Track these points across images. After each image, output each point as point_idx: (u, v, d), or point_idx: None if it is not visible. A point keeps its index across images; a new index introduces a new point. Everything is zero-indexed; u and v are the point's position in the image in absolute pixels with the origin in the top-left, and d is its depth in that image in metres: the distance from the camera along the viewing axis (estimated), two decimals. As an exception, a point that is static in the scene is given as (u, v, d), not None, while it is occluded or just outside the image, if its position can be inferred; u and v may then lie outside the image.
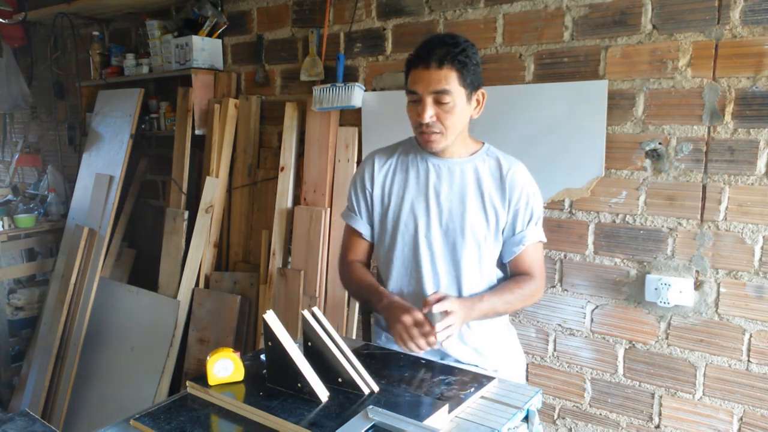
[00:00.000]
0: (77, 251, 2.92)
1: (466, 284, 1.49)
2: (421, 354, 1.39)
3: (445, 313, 1.29)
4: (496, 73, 2.01)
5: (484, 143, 1.55)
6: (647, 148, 1.78)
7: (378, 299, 1.45)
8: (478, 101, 1.46)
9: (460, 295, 1.50)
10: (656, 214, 1.79)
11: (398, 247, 1.53)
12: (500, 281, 1.54)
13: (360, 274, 1.58)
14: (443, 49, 1.36)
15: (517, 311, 1.53)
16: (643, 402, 1.87)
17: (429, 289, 1.50)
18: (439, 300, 1.31)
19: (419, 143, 1.50)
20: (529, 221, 1.49)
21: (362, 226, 1.60)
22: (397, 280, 1.55)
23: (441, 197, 1.49)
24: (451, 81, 1.36)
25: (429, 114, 1.38)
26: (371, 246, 1.64)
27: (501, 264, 1.55)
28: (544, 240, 1.54)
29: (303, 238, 2.48)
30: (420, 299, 1.52)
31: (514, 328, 1.68)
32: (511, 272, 1.55)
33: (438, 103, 1.38)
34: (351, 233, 1.64)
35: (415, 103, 1.41)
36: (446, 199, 1.49)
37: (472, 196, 1.48)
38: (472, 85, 1.40)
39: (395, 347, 1.53)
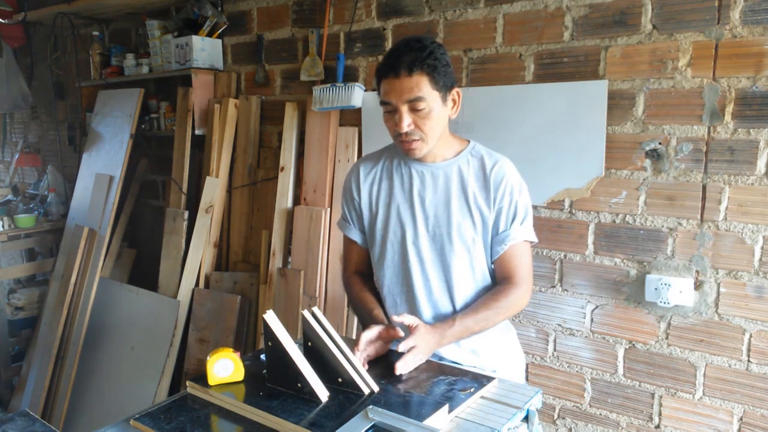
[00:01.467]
0: (77, 251, 2.92)
1: (458, 289, 1.47)
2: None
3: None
4: (496, 73, 2.01)
5: (469, 142, 1.52)
6: (647, 148, 1.78)
7: (369, 320, 1.48)
8: (453, 101, 1.44)
9: (452, 302, 1.49)
10: (656, 214, 1.79)
11: (388, 255, 1.52)
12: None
13: (358, 291, 1.59)
14: (411, 56, 1.34)
15: (498, 324, 1.49)
16: (643, 402, 1.87)
17: (420, 295, 1.49)
18: (410, 327, 1.31)
19: (402, 152, 1.48)
20: (513, 219, 1.45)
21: (355, 235, 1.60)
22: (389, 287, 1.55)
23: (426, 203, 1.47)
24: (423, 87, 1.34)
25: (406, 123, 1.37)
26: (368, 252, 1.64)
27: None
28: (534, 240, 1.49)
29: (303, 238, 2.48)
30: (412, 306, 1.52)
31: (513, 328, 1.67)
32: (495, 273, 1.51)
33: (413, 110, 1.37)
34: (348, 242, 1.64)
35: (391, 113, 1.40)
36: (431, 204, 1.47)
37: (457, 199, 1.45)
38: (445, 87, 1.38)
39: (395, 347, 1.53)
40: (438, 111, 1.39)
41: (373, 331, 1.35)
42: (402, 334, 1.38)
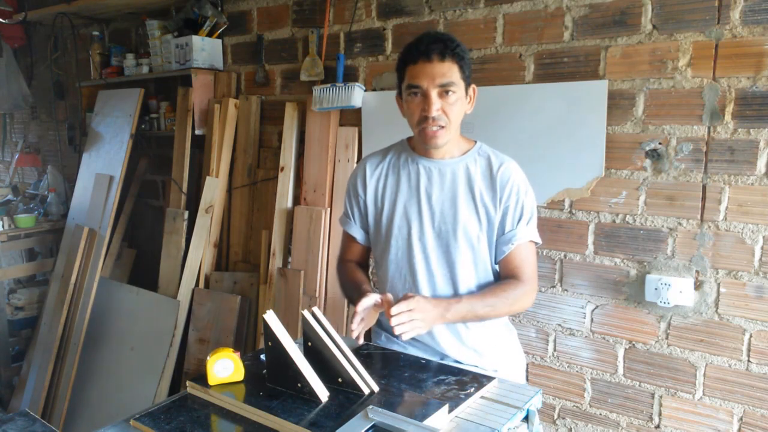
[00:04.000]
0: (77, 251, 2.92)
1: (462, 286, 1.48)
2: (419, 354, 1.39)
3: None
4: (496, 73, 2.01)
5: (476, 142, 1.53)
6: (647, 148, 1.78)
7: (357, 294, 1.45)
8: (470, 97, 1.47)
9: (456, 297, 1.49)
10: (656, 214, 1.79)
11: (392, 251, 1.53)
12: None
13: (351, 272, 1.60)
14: (441, 44, 1.37)
15: (502, 316, 1.49)
16: (643, 402, 1.87)
17: (424, 291, 1.50)
18: (405, 299, 1.30)
19: (422, 141, 1.47)
20: (519, 220, 1.46)
21: (356, 232, 1.62)
22: (392, 283, 1.55)
23: (432, 200, 1.48)
24: (454, 74, 1.38)
25: (436, 107, 1.38)
26: (367, 250, 1.66)
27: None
28: (538, 241, 1.50)
29: (303, 238, 2.48)
30: None
31: (514, 328, 1.67)
32: (501, 273, 1.52)
33: (442, 96, 1.38)
34: (347, 238, 1.66)
35: (417, 98, 1.40)
36: (438, 201, 1.48)
37: (464, 196, 1.46)
38: (468, 79, 1.42)
39: (395, 347, 1.53)
40: (462, 101, 1.42)
41: (371, 299, 1.35)
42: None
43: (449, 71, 1.37)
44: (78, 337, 2.80)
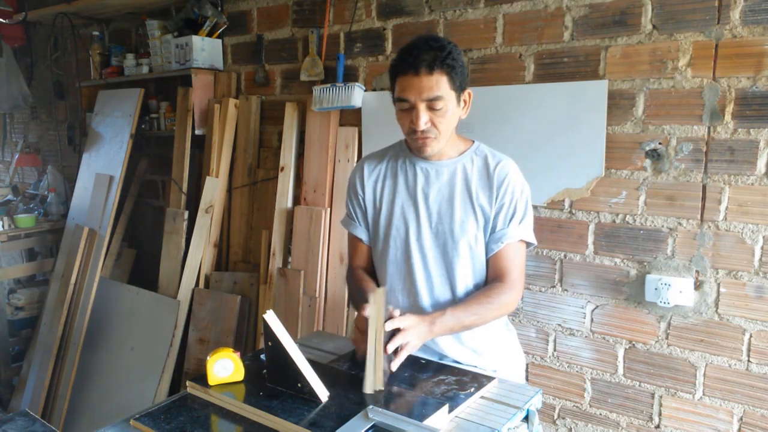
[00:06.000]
0: (77, 251, 2.92)
1: (460, 286, 1.48)
2: (419, 354, 1.39)
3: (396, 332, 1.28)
4: (496, 73, 2.01)
5: (473, 141, 1.53)
6: (647, 148, 1.78)
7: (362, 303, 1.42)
8: (464, 101, 1.45)
9: (454, 298, 1.49)
10: (656, 214, 1.79)
11: (391, 252, 1.53)
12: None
13: (358, 280, 1.58)
14: (431, 54, 1.34)
15: (489, 321, 1.48)
16: (643, 402, 1.87)
17: (422, 292, 1.50)
18: (390, 318, 1.28)
19: (413, 148, 1.49)
20: (511, 218, 1.45)
21: (361, 232, 1.61)
22: (391, 284, 1.55)
23: (430, 200, 1.48)
24: (442, 86, 1.35)
25: (423, 121, 1.37)
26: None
27: None
28: (532, 241, 1.49)
29: (303, 238, 2.48)
30: (414, 302, 1.52)
31: (513, 328, 1.67)
32: (488, 272, 1.50)
33: (430, 108, 1.37)
34: (353, 240, 1.65)
35: (407, 111, 1.40)
36: (435, 201, 1.48)
37: (461, 196, 1.46)
38: (460, 88, 1.40)
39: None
40: (453, 111, 1.40)
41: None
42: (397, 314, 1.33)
43: (437, 84, 1.35)
44: (78, 337, 2.80)
